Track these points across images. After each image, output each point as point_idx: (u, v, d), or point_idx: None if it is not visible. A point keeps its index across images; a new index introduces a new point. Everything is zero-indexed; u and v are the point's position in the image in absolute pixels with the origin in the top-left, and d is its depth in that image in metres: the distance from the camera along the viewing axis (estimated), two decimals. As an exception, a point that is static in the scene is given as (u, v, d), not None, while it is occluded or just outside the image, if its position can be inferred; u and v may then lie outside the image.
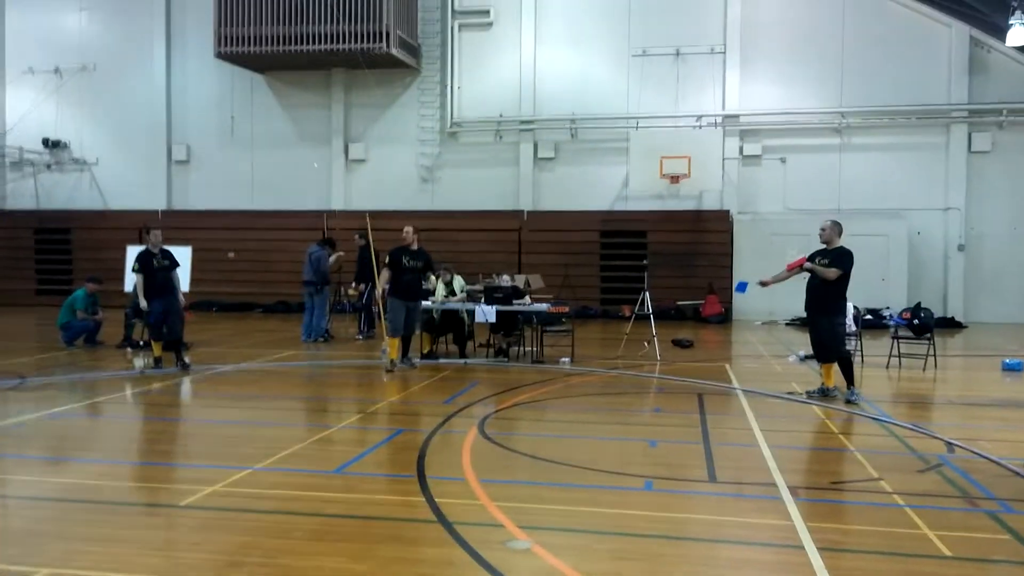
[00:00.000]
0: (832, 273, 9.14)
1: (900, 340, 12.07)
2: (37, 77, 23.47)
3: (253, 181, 22.49)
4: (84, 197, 23.47)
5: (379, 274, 11.62)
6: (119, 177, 23.21)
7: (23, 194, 23.84)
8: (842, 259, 9.19)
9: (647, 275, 13.94)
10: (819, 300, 9.30)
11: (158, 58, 22.73)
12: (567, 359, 12.07)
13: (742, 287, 10.50)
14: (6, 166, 23.63)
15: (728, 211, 20.20)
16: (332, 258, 15.01)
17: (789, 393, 9.68)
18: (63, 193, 23.59)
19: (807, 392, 9.62)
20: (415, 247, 11.53)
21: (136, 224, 20.97)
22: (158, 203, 22.74)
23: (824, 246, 9.44)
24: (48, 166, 23.59)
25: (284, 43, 19.98)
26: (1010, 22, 16.82)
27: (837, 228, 9.42)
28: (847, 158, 19.90)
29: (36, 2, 23.47)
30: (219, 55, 20.65)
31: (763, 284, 9.88)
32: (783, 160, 20.16)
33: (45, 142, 23.33)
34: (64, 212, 23.33)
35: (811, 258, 9.44)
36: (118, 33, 23.09)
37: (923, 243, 19.62)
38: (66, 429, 7.92)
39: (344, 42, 19.70)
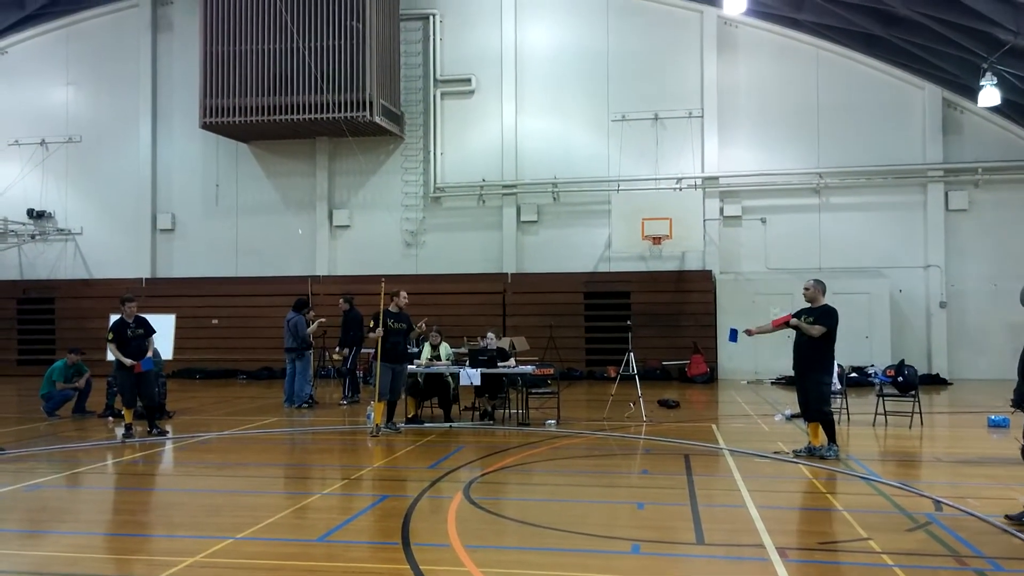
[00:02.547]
0: (816, 330, 9.24)
1: (885, 397, 12.10)
2: (23, 149, 23.65)
3: (238, 248, 22.55)
4: (68, 267, 23.43)
5: (371, 331, 11.55)
6: (103, 246, 23.23)
7: (7, 264, 23.77)
8: (827, 317, 9.31)
9: (631, 336, 13.98)
10: (806, 358, 9.38)
11: (144, 129, 22.98)
12: (553, 421, 12.01)
13: (733, 335, 10.50)
14: (-10, 236, 23.61)
15: (711, 271, 20.39)
16: (314, 324, 14.96)
17: (776, 453, 9.65)
18: (47, 263, 23.55)
19: (794, 451, 9.61)
20: (397, 310, 11.56)
21: (120, 293, 20.86)
22: (142, 271, 22.73)
23: (809, 304, 9.55)
24: (32, 236, 23.59)
25: (268, 113, 20.26)
26: (981, 83, 17.35)
27: (821, 287, 9.60)
28: (827, 217, 20.23)
29: (24, 77, 23.78)
30: (204, 126, 20.90)
31: (748, 333, 10.05)
32: (763, 220, 20.46)
33: (30, 212, 23.38)
34: (48, 282, 23.25)
35: (797, 315, 9.55)
36: (105, 106, 23.37)
37: (905, 300, 19.82)
38: (44, 501, 7.76)
39: (328, 111, 20.00)
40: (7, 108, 23.86)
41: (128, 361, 10.87)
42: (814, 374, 9.32)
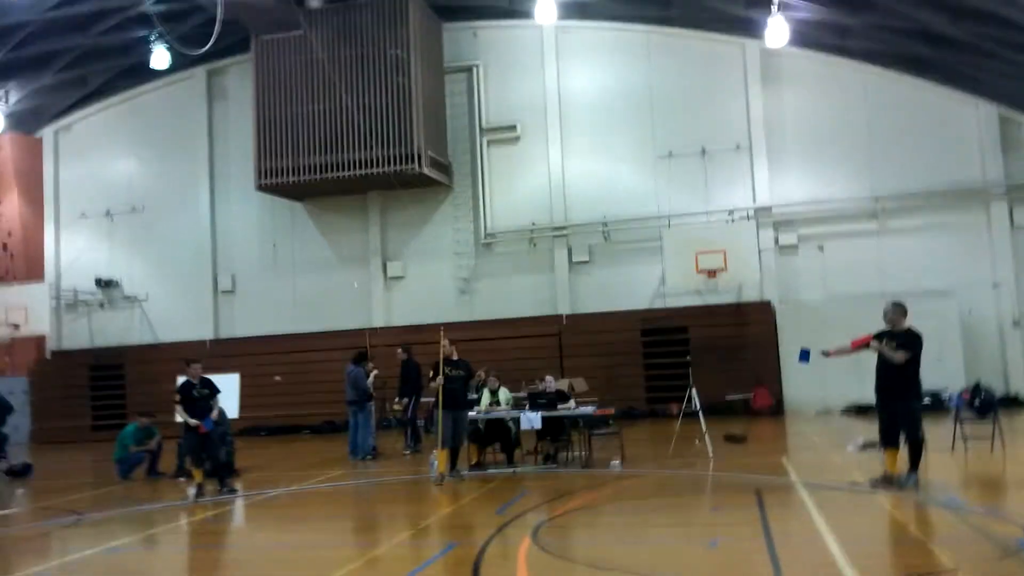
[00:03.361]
0: (900, 356, 8.87)
1: (963, 422, 11.67)
2: (89, 221, 24.61)
3: (295, 304, 22.99)
4: (135, 332, 24.14)
5: (431, 381, 11.63)
6: (168, 310, 23.90)
7: (78, 333, 24.60)
8: (912, 342, 8.94)
9: (691, 371, 13.77)
10: (894, 384, 8.98)
11: (203, 195, 23.76)
12: (617, 461, 11.84)
13: (805, 356, 10.07)
14: (61, 307, 24.48)
15: (769, 301, 20.07)
16: (371, 375, 15.09)
17: (852, 483, 9.35)
18: (115, 330, 24.29)
19: (870, 481, 9.26)
20: (455, 357, 11.62)
21: (186, 355, 21.38)
22: (206, 333, 23.29)
23: (889, 328, 9.16)
24: (101, 304, 24.40)
25: (321, 171, 20.76)
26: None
27: (901, 310, 9.17)
28: (886, 241, 19.80)
29: (88, 151, 24.84)
30: (260, 187, 21.51)
31: (825, 354, 9.67)
32: (821, 248, 20.11)
33: (97, 282, 24.23)
34: (117, 348, 23.95)
35: (878, 338, 9.16)
36: (165, 175, 24.25)
37: (975, 321, 19.19)
38: (123, 563, 7.90)
39: (378, 166, 20.44)
40: (74, 182, 24.91)
41: (193, 421, 11.08)
42: (905, 400, 8.91)
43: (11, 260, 24.16)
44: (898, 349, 8.94)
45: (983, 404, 11.58)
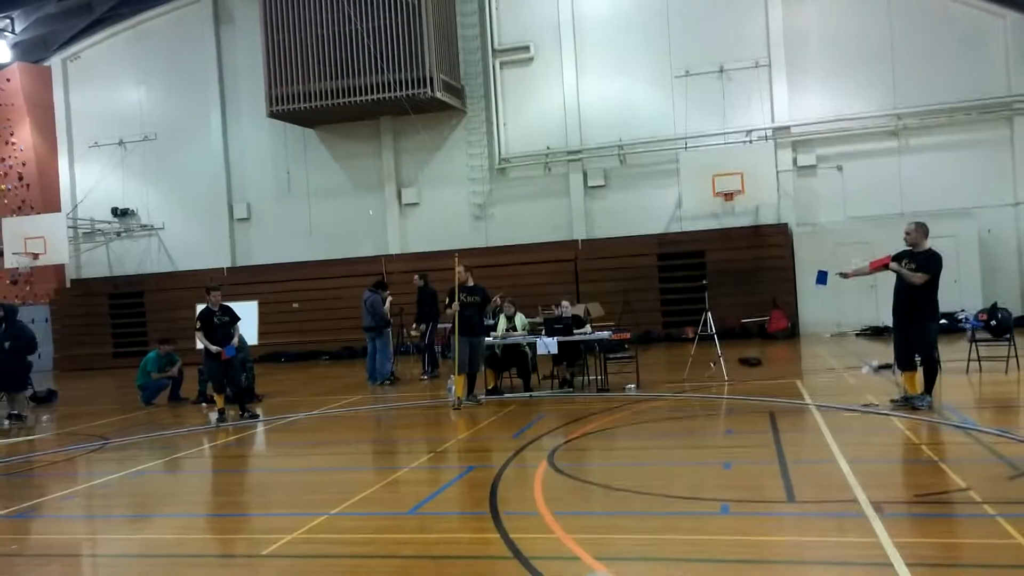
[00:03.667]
0: (919, 278, 8.79)
1: (978, 343, 11.63)
2: (103, 150, 24.56)
3: (311, 232, 23.02)
4: (153, 261, 24.34)
5: (446, 308, 11.68)
6: (185, 239, 24.03)
7: (96, 262, 24.83)
8: (931, 262, 8.84)
9: (707, 295, 13.75)
10: (911, 305, 8.91)
11: (214, 122, 23.58)
12: (633, 385, 11.95)
13: (822, 278, 10.04)
14: (79, 237, 24.65)
15: (787, 224, 19.88)
16: (387, 301, 15.19)
17: (865, 405, 9.40)
18: (133, 258, 24.50)
19: (891, 400, 9.28)
20: (471, 283, 11.64)
21: (204, 283, 21.59)
22: (223, 261, 23.44)
23: (910, 248, 9.09)
24: (118, 234, 24.55)
25: (332, 97, 20.51)
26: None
27: (923, 230, 9.06)
28: (906, 160, 19.44)
29: (98, 80, 24.61)
30: (271, 114, 21.31)
31: (843, 275, 9.65)
32: (839, 168, 19.79)
33: (114, 211, 24.33)
34: (135, 276, 24.20)
35: (896, 259, 9.07)
36: (175, 102, 24.03)
37: (994, 241, 18.96)
38: (148, 486, 8.13)
39: (390, 91, 20.14)
40: (85, 111, 24.77)
41: (214, 348, 11.24)
42: (921, 320, 8.85)
43: (27, 190, 24.26)
44: (917, 270, 8.85)
45: (999, 325, 11.53)
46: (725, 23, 20.24)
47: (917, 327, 8.90)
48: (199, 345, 11.75)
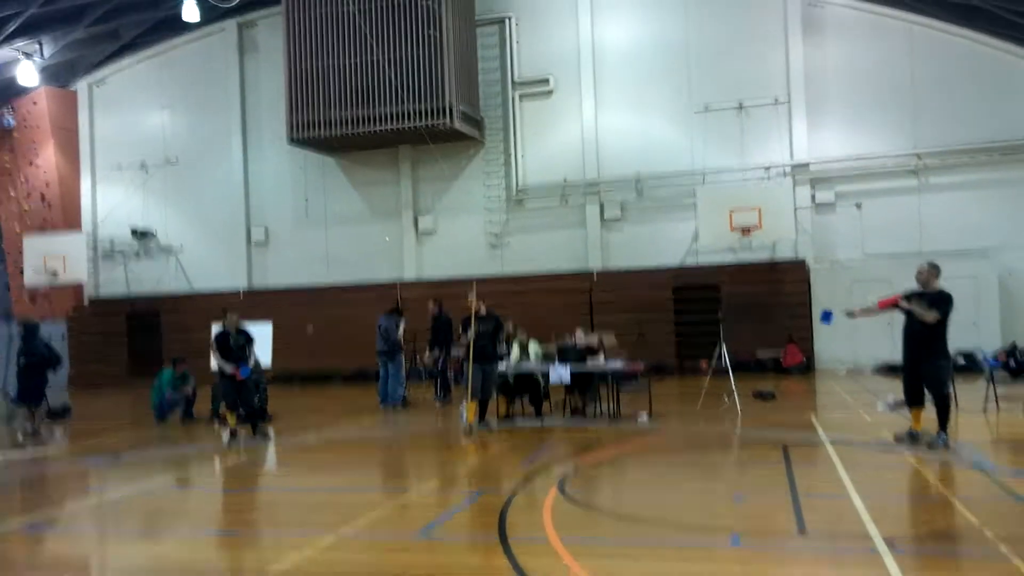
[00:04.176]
0: (931, 316, 8.81)
1: (996, 382, 11.52)
2: (125, 172, 24.90)
3: (328, 257, 23.17)
4: (171, 282, 24.54)
5: (458, 340, 11.76)
6: (203, 261, 24.24)
7: (115, 282, 25.06)
8: (943, 302, 8.88)
9: (722, 328, 13.70)
10: (922, 344, 8.94)
11: (235, 148, 23.90)
12: (645, 416, 11.89)
13: (827, 317, 10.10)
14: (99, 256, 24.92)
15: (804, 260, 19.83)
16: (401, 327, 15.23)
17: (880, 441, 9.30)
18: (151, 279, 24.71)
19: (896, 435, 9.25)
20: (483, 312, 11.67)
21: (220, 305, 21.73)
22: (239, 283, 23.61)
23: (921, 288, 9.12)
24: (137, 254, 24.80)
25: (352, 126, 20.73)
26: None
27: (935, 271, 9.14)
28: (926, 199, 19.39)
29: (122, 104, 25.04)
30: (292, 141, 21.57)
31: (850, 315, 9.69)
32: (859, 205, 19.76)
33: (133, 232, 24.60)
34: (152, 297, 24.40)
35: (907, 298, 9.11)
36: (198, 127, 24.40)
37: (1015, 283, 18.80)
38: (159, 503, 8.14)
39: (409, 120, 20.34)
40: (109, 135, 25.17)
41: (229, 368, 11.30)
42: (933, 359, 8.88)
43: (49, 210, 24.60)
44: (929, 309, 8.84)
45: (1018, 365, 11.42)
46: (744, 60, 20.37)
47: (929, 365, 8.92)
48: (214, 365, 11.81)
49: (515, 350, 12.82)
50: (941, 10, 18.80)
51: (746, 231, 18.36)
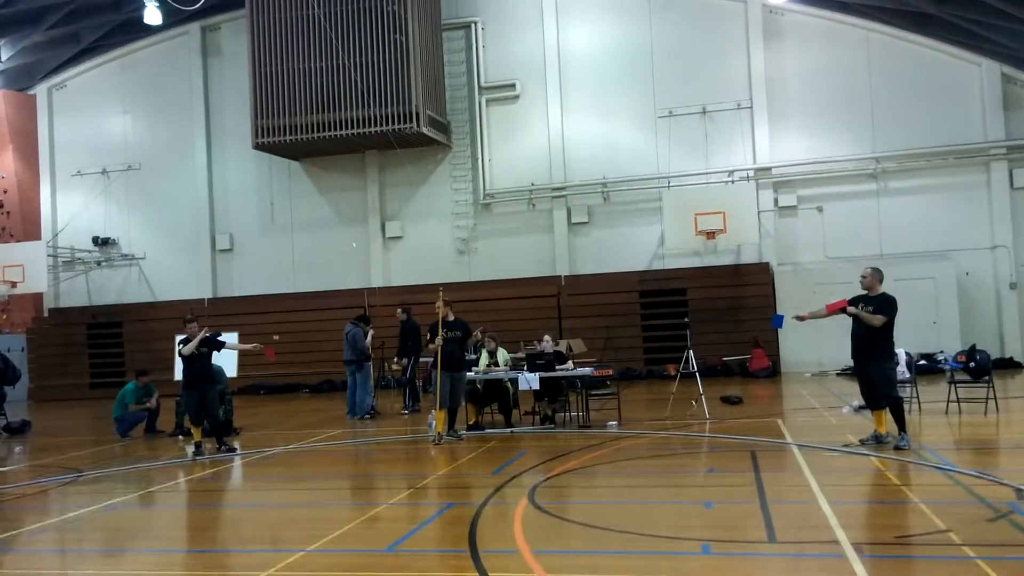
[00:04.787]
0: (877, 320, 9.06)
1: (957, 384, 11.72)
2: (85, 179, 24.48)
3: (294, 264, 22.96)
4: (133, 291, 24.15)
5: (429, 343, 11.70)
6: (166, 269, 23.88)
7: (76, 291, 24.60)
8: (887, 306, 9.13)
9: (689, 332, 13.80)
10: (867, 346, 9.21)
11: (199, 154, 23.58)
12: (614, 422, 11.92)
13: (777, 321, 10.47)
14: (59, 265, 24.44)
15: (768, 263, 20.06)
16: (369, 335, 15.13)
17: (846, 445, 9.42)
18: (113, 288, 24.30)
19: (860, 440, 9.42)
20: (451, 318, 11.62)
21: (183, 314, 21.40)
22: (204, 292, 23.29)
23: (866, 292, 9.35)
24: (98, 263, 24.37)
25: (318, 130, 20.59)
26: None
27: (878, 275, 9.42)
28: (885, 203, 19.73)
29: (82, 109, 24.61)
30: (256, 146, 21.34)
31: (799, 318, 9.96)
32: (820, 209, 20.05)
33: (95, 240, 24.17)
34: (115, 306, 23.97)
35: (853, 303, 9.35)
36: (160, 133, 24.05)
37: (972, 283, 19.20)
38: (121, 520, 7.97)
39: (376, 125, 20.24)
40: (69, 140, 24.72)
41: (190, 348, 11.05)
42: (877, 361, 9.14)
43: (7, 218, 24.09)
44: (874, 313, 9.07)
45: (978, 367, 11.63)
46: (707, 66, 20.58)
47: (875, 369, 9.15)
48: (178, 376, 11.62)
49: (484, 357, 12.78)
50: (896, 18, 19.16)
51: (711, 235, 18.57)
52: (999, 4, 16.26)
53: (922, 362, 16.92)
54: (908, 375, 12.12)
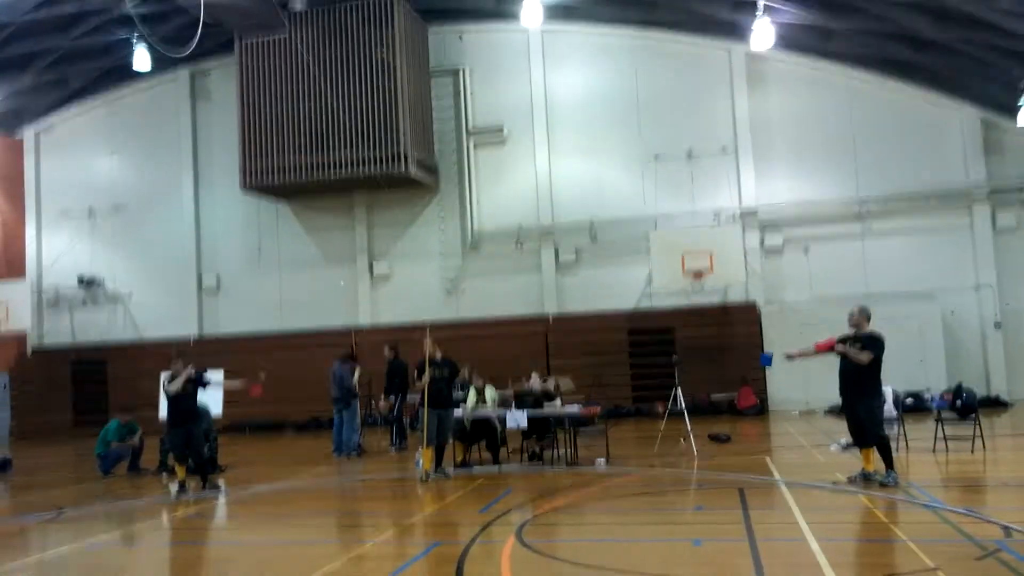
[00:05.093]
0: (865, 357, 9.12)
1: (944, 422, 11.76)
2: (72, 219, 24.43)
3: (281, 303, 22.89)
4: (118, 330, 23.96)
5: (416, 380, 11.68)
6: (152, 309, 23.74)
7: (60, 330, 24.39)
8: (874, 344, 9.20)
9: (677, 371, 13.82)
10: (854, 384, 9.27)
11: (187, 193, 23.61)
12: (602, 460, 11.86)
13: (766, 359, 10.53)
14: (43, 304, 24.27)
15: (755, 303, 20.17)
16: (356, 373, 15.07)
17: (834, 483, 9.41)
18: (98, 327, 24.11)
19: (848, 477, 9.40)
20: (439, 357, 11.62)
21: (169, 353, 21.25)
22: (190, 331, 23.15)
23: (854, 331, 9.43)
24: (83, 302, 24.21)
25: (306, 171, 20.64)
26: (1020, 103, 17.12)
27: (866, 313, 9.51)
28: (870, 243, 19.94)
29: (70, 150, 24.66)
30: (245, 187, 21.37)
31: (789, 357, 10.03)
32: (806, 249, 20.23)
33: (80, 279, 24.03)
34: (99, 345, 23.77)
35: (841, 341, 9.42)
36: (148, 174, 24.10)
37: (957, 323, 19.36)
38: (103, 559, 7.84)
39: (364, 167, 20.35)
40: (56, 180, 24.70)
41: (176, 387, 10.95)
42: (864, 399, 9.19)
43: (-8, 257, 23.98)
44: (863, 351, 9.15)
45: (964, 405, 11.69)
46: (693, 111, 20.90)
47: (863, 407, 9.20)
48: (162, 415, 11.53)
49: (471, 395, 12.74)
50: (878, 64, 19.58)
51: (698, 275, 18.67)
52: (977, 52, 16.69)
53: (909, 400, 16.96)
54: (895, 413, 12.16)
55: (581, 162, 21.42)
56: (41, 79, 22.87)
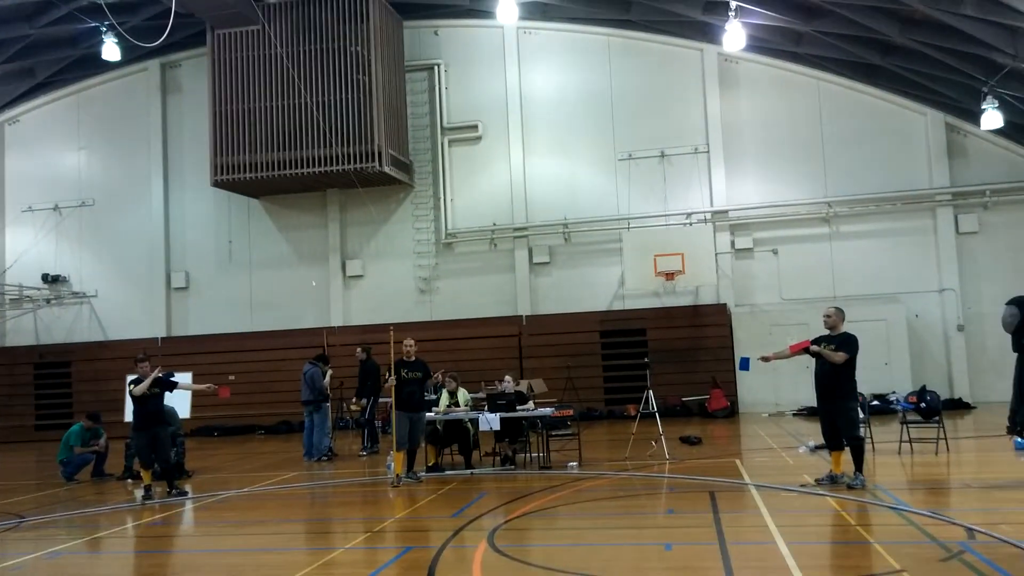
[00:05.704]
0: (840, 357, 9.19)
1: (909, 424, 11.92)
2: (36, 215, 24.01)
3: (252, 303, 22.68)
4: (84, 330, 23.60)
5: (386, 382, 11.64)
6: (119, 308, 23.40)
7: (23, 330, 23.96)
8: (849, 343, 9.29)
9: (649, 373, 13.88)
10: (830, 386, 9.33)
11: (156, 190, 23.30)
12: (575, 463, 11.88)
13: (744, 364, 10.59)
14: (5, 303, 23.83)
15: (725, 304, 20.33)
16: (327, 375, 14.95)
17: (802, 485, 9.50)
18: (63, 327, 23.72)
19: (816, 480, 9.51)
20: (412, 358, 11.57)
21: (135, 353, 20.96)
22: (158, 330, 22.86)
23: (828, 332, 9.52)
24: (48, 301, 23.81)
25: (279, 168, 20.50)
26: (982, 107, 17.42)
27: (841, 314, 9.61)
28: (838, 246, 20.18)
29: (36, 143, 24.23)
30: (216, 183, 21.15)
31: (764, 359, 10.08)
32: (775, 252, 20.43)
33: (44, 277, 23.63)
34: (64, 345, 23.39)
35: (816, 342, 9.51)
36: (116, 169, 23.75)
37: (922, 325, 19.66)
38: (65, 568, 7.69)
39: (337, 164, 20.22)
40: (20, 175, 24.28)
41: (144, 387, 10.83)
42: (840, 401, 9.28)
43: (-46, 254, 23.48)
44: (837, 351, 9.25)
45: (928, 407, 11.86)
46: (666, 110, 21.01)
47: (839, 408, 9.29)
48: (128, 418, 11.34)
49: (444, 397, 12.69)
50: (846, 68, 19.81)
51: (670, 276, 18.82)
52: (942, 57, 16.94)
53: (875, 402, 17.20)
54: (862, 415, 12.29)
55: (555, 161, 21.46)
56: (6, 68, 22.45)
